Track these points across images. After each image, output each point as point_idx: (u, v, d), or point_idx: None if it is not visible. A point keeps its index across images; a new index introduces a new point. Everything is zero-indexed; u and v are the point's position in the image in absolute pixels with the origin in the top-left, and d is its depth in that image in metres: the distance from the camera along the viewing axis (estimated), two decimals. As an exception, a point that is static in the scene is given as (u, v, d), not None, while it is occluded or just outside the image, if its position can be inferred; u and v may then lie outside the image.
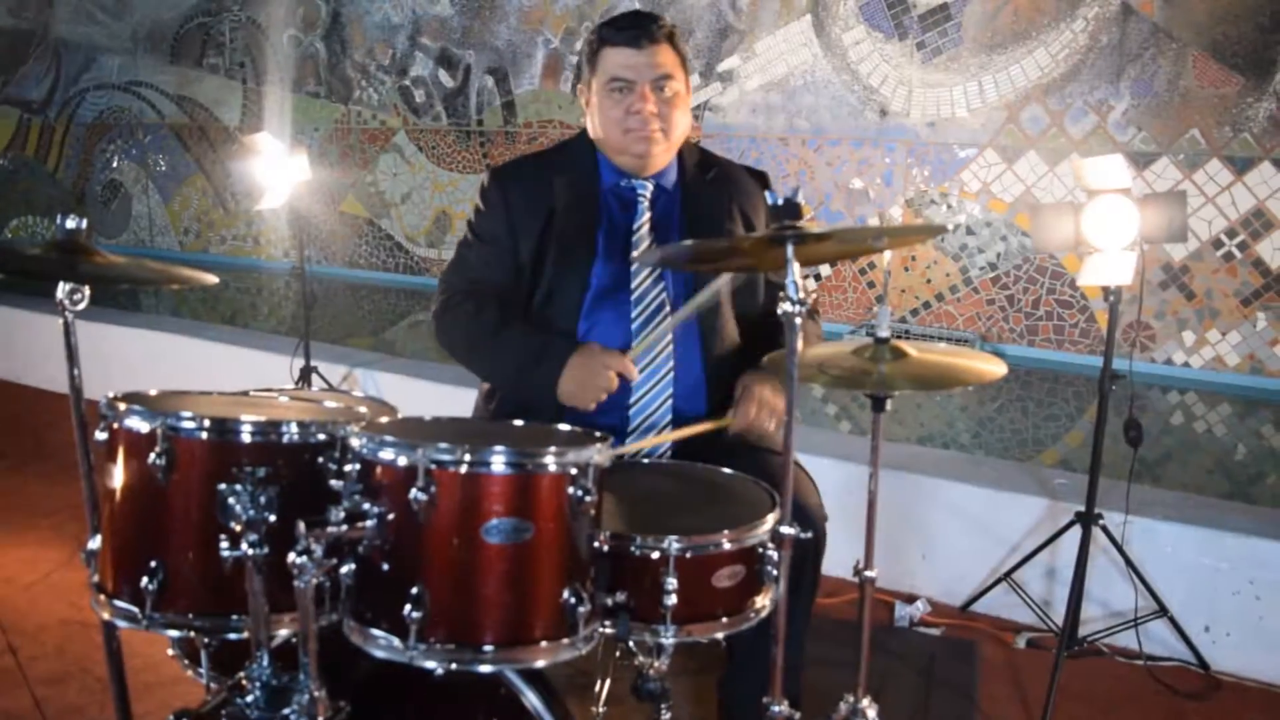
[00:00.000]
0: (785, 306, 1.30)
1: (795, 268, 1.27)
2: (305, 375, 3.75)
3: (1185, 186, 4.61)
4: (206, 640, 1.59)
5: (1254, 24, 4.44)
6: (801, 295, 1.28)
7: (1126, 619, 2.60)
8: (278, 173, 3.51)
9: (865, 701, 1.78)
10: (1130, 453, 2.57)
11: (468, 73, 6.38)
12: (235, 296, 6.48)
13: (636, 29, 1.92)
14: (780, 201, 1.26)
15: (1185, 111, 4.61)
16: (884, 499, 1.80)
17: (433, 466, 1.25)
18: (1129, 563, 2.52)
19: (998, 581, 2.75)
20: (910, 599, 2.86)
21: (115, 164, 7.90)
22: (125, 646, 1.71)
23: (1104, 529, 2.49)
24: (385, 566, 1.30)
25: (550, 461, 1.29)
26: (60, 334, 1.53)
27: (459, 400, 3.70)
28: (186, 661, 1.73)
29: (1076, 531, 2.53)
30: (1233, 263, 4.62)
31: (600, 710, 1.95)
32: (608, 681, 1.99)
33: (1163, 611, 2.52)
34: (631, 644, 1.60)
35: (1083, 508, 2.52)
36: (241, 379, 4.22)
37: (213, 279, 1.65)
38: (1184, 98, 4.60)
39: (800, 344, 2.02)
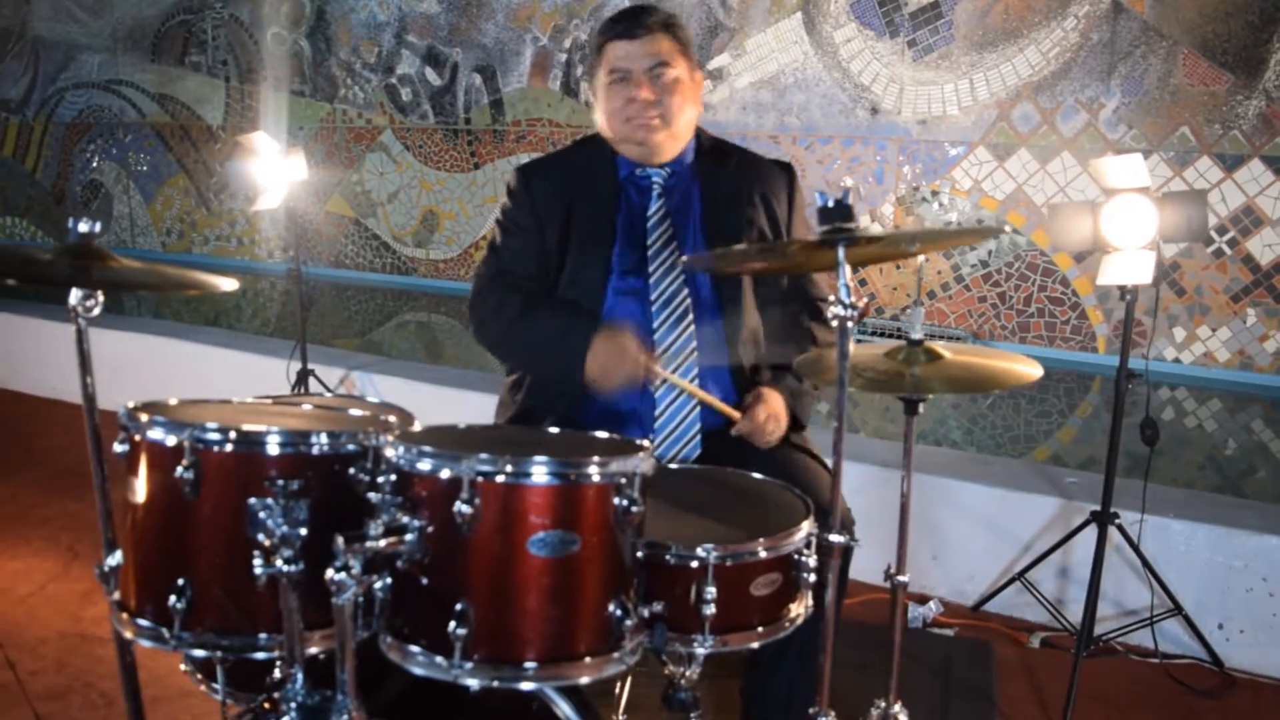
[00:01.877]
0: (836, 310, 1.28)
1: (846, 270, 1.24)
2: (303, 379, 3.69)
3: (1176, 184, 4.64)
4: (224, 656, 1.54)
5: (1244, 22, 4.47)
6: (853, 299, 1.26)
7: (1139, 617, 2.60)
8: (273, 173, 3.45)
9: (897, 707, 1.77)
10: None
11: (455, 71, 6.32)
12: (220, 298, 6.38)
13: (631, 20, 1.97)
14: (831, 203, 1.23)
15: (1175, 109, 4.64)
16: (896, 498, 1.78)
17: (478, 478, 1.21)
18: (1145, 562, 2.51)
19: (1011, 581, 2.74)
20: (922, 600, 2.84)
21: (95, 164, 7.78)
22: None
23: (1120, 528, 2.49)
24: (424, 581, 1.27)
25: (596, 471, 1.25)
26: (48, 339, 1.48)
27: (460, 402, 3.68)
28: (200, 676, 1.69)
29: (1089, 530, 2.53)
30: (1223, 259, 4.65)
31: (621, 718, 1.92)
32: (628, 687, 1.96)
33: (1177, 610, 2.52)
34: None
35: (1094, 506, 2.51)
36: (237, 383, 4.16)
37: (232, 284, 1.60)
38: (1174, 95, 4.63)
39: (822, 344, 2.03)
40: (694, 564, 1.40)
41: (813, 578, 1.52)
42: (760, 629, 1.47)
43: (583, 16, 5.87)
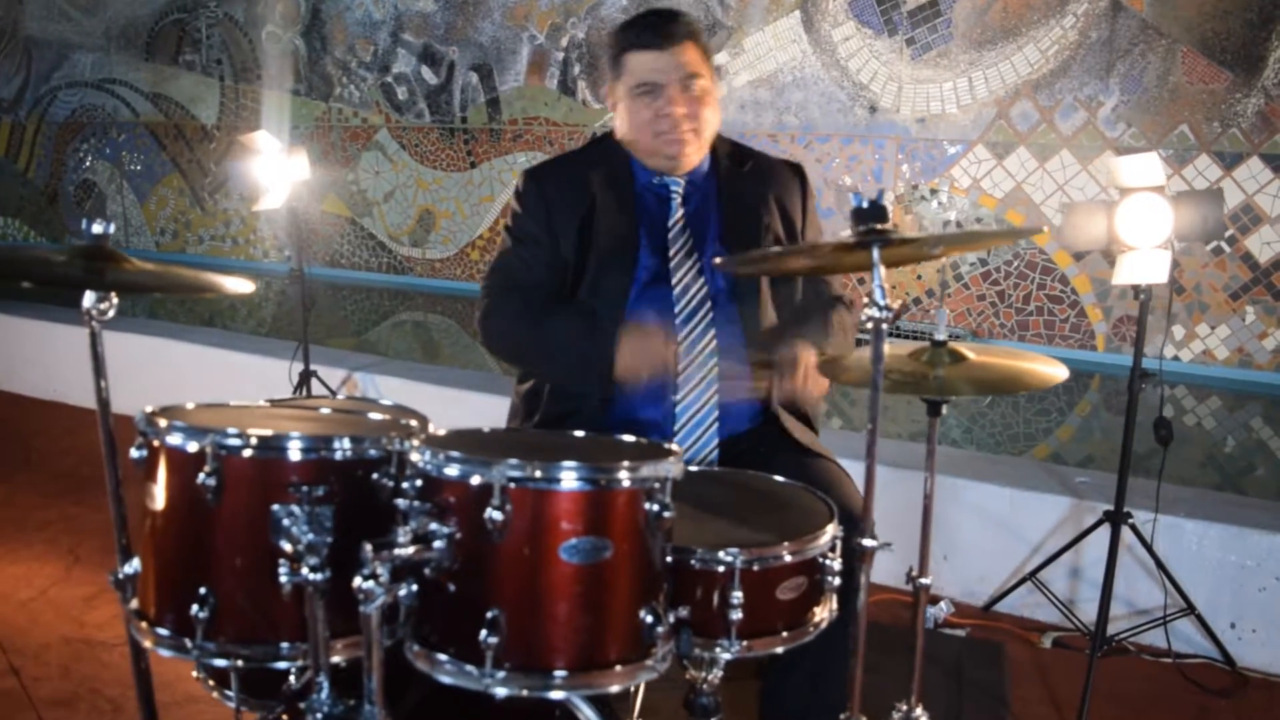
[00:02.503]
0: (871, 312, 1.26)
1: (881, 271, 1.23)
2: (305, 380, 3.66)
3: (1175, 182, 4.64)
4: (240, 664, 1.52)
5: (1242, 20, 4.48)
6: (887, 301, 1.24)
7: (1150, 617, 2.59)
8: (275, 172, 3.42)
9: (919, 710, 1.75)
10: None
11: (451, 69, 6.28)
12: (215, 298, 6.34)
13: (655, 30, 1.89)
14: (865, 204, 1.22)
15: (1174, 107, 4.64)
16: (905, 499, 1.77)
17: (509, 484, 1.19)
18: (1159, 562, 2.51)
19: (1023, 581, 2.73)
20: (934, 600, 2.83)
21: (89, 163, 7.72)
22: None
23: (1133, 528, 2.48)
24: (453, 589, 1.25)
25: (627, 476, 1.23)
26: (48, 340, 1.45)
27: (463, 403, 3.66)
28: (212, 683, 1.67)
29: (1099, 529, 2.53)
30: (1222, 257, 4.65)
31: (636, 721, 1.90)
32: (642, 689, 1.94)
33: (1189, 609, 2.51)
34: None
35: (1105, 505, 2.51)
36: (239, 384, 4.12)
37: (248, 285, 1.58)
38: (1173, 93, 4.63)
39: (841, 337, 2.01)
40: (720, 568, 1.39)
41: (837, 581, 1.51)
42: (785, 633, 1.46)
43: (579, 15, 5.85)
